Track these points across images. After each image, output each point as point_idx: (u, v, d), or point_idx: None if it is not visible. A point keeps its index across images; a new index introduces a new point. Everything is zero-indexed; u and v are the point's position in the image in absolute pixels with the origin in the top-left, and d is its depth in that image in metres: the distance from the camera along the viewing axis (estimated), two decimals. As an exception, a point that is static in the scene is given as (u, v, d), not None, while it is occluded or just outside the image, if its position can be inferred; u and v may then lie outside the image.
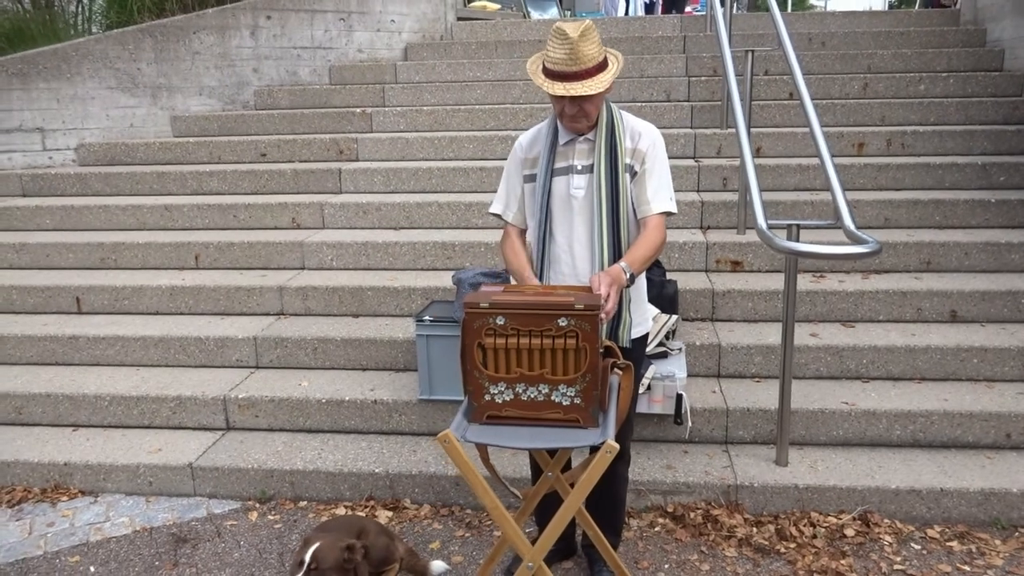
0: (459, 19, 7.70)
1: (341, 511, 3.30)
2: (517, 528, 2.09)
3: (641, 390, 3.27)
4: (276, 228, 4.98)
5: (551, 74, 2.32)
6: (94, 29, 8.09)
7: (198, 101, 6.33)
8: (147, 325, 4.22)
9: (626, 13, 13.20)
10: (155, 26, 6.09)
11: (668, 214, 2.50)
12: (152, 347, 4.08)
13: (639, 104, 5.61)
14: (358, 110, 5.94)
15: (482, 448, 2.33)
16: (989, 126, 5.13)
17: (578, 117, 2.37)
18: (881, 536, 3.01)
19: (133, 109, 6.06)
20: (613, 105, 2.51)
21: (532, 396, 2.09)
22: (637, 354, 2.62)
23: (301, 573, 2.45)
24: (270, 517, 3.29)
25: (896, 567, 2.84)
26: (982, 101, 5.29)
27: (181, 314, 4.40)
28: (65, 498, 3.45)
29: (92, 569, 2.98)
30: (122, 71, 5.98)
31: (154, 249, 4.75)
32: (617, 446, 1.95)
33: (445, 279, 4.27)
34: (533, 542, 2.15)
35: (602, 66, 2.32)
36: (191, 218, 5.06)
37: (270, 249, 4.66)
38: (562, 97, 2.33)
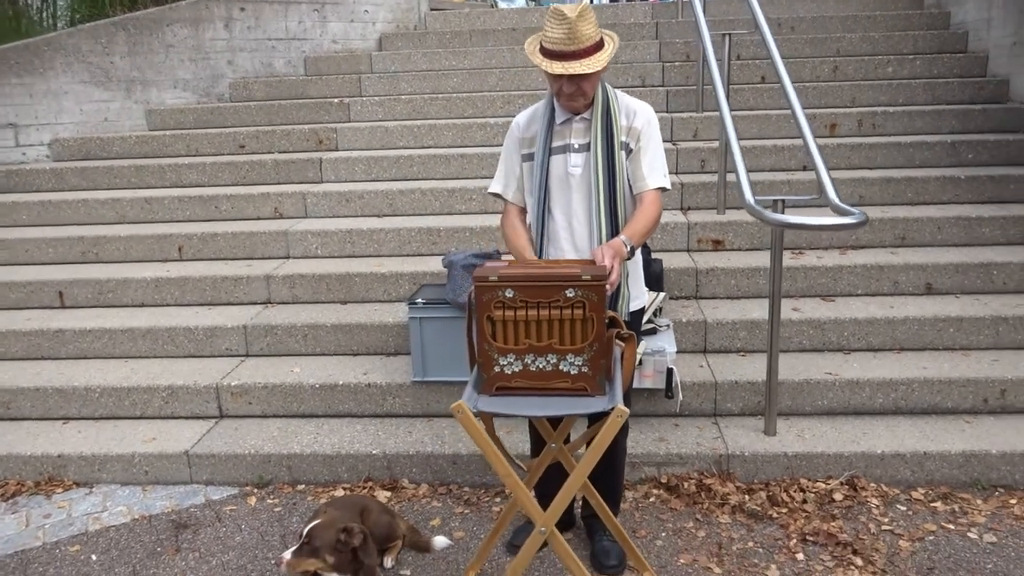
0: (432, 9, 7.71)
1: (340, 493, 3.33)
2: (529, 494, 2.14)
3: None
4: (259, 218, 4.97)
5: (549, 54, 2.37)
6: (60, 24, 7.97)
7: (173, 94, 6.27)
8: (133, 317, 4.20)
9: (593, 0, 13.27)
10: (128, 19, 6.02)
11: (663, 189, 2.57)
12: (140, 338, 4.07)
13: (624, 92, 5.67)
14: (335, 100, 5.94)
15: (487, 422, 2.38)
16: (956, 105, 5.28)
17: (575, 96, 2.42)
18: (868, 499, 3.12)
19: (107, 103, 5.99)
20: (608, 85, 2.56)
21: (541, 366, 2.15)
22: (635, 326, 2.69)
23: (295, 547, 2.50)
24: (269, 501, 3.31)
25: (884, 527, 2.95)
26: (948, 82, 5.44)
27: (167, 305, 4.38)
28: (60, 490, 3.44)
29: (94, 557, 2.98)
30: (95, 65, 5.91)
31: (136, 241, 4.72)
32: (627, 410, 2.02)
33: (431, 264, 4.31)
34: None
35: (599, 46, 2.37)
36: (172, 210, 5.03)
37: (254, 239, 4.65)
38: (560, 76, 2.38)
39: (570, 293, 2.08)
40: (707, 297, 4.13)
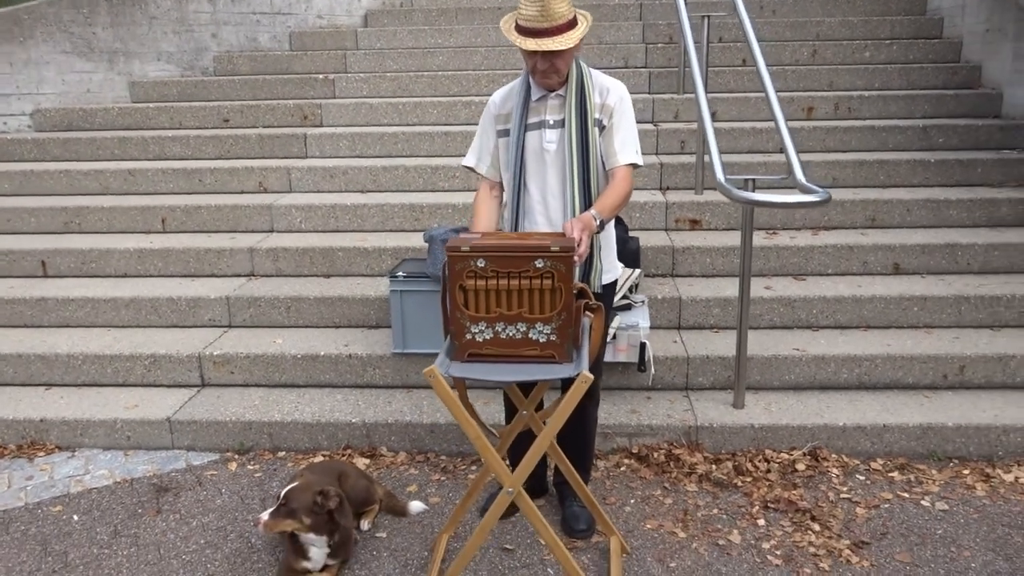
0: (418, -14, 7.70)
1: (319, 459, 3.41)
2: (498, 456, 2.23)
3: (607, 339, 3.45)
4: (243, 192, 5.01)
5: (523, 31, 2.43)
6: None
7: (156, 67, 6.27)
8: (116, 287, 4.25)
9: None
10: (110, -11, 6.01)
11: (634, 166, 2.65)
12: (123, 308, 4.12)
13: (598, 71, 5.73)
14: (320, 76, 5.96)
15: (461, 389, 2.47)
16: (929, 91, 5.38)
17: (549, 73, 2.49)
18: (829, 469, 3.24)
19: (90, 74, 5.99)
20: (583, 63, 2.63)
21: (511, 334, 2.23)
22: (607, 299, 2.78)
23: (273, 508, 2.59)
24: (250, 467, 3.39)
25: (843, 496, 3.07)
26: (923, 67, 5.54)
27: (150, 276, 4.43)
28: (42, 453, 3.51)
29: (75, 518, 3.05)
30: (77, 35, 5.90)
31: (119, 213, 4.75)
32: (591, 376, 2.10)
33: (414, 239, 4.38)
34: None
35: (572, 23, 2.44)
36: (155, 182, 5.06)
37: (238, 212, 4.70)
38: (534, 53, 2.45)
39: (539, 264, 2.16)
40: (683, 275, 4.23)
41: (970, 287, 3.92)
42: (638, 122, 5.21)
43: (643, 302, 3.73)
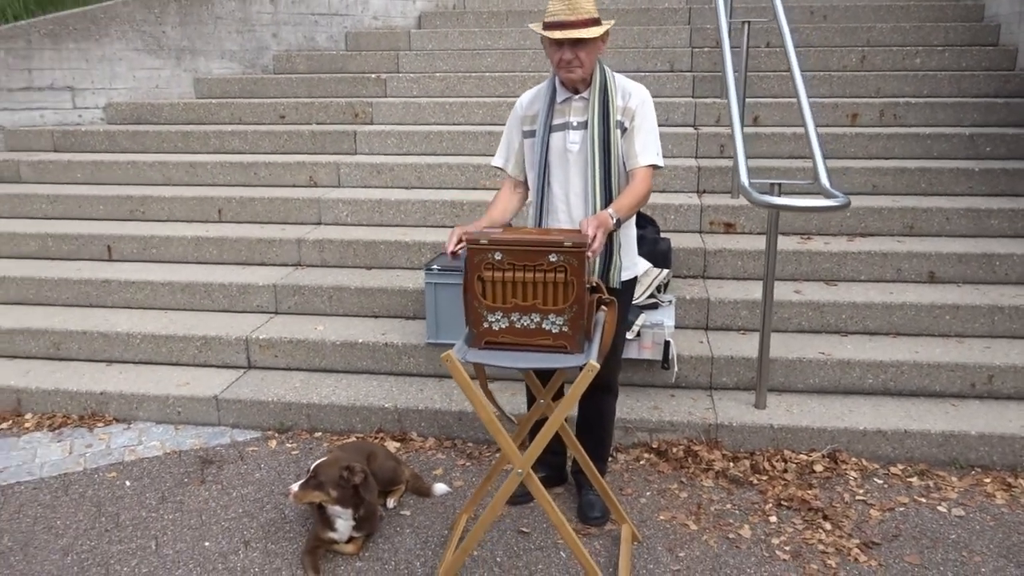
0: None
1: (352, 440, 3.59)
2: (509, 439, 2.37)
3: (632, 336, 3.55)
4: (294, 186, 5.24)
5: (550, 25, 2.58)
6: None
7: (220, 64, 6.58)
8: (174, 272, 4.51)
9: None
10: (180, -10, 6.33)
11: (655, 167, 2.75)
12: (179, 292, 4.38)
13: (643, 74, 5.82)
14: (373, 76, 6.18)
15: (481, 375, 2.61)
16: (980, 99, 5.31)
17: (573, 65, 2.61)
18: (847, 472, 3.28)
19: (158, 71, 6.32)
20: (607, 67, 2.75)
21: (525, 324, 2.36)
22: (627, 295, 2.88)
23: (303, 480, 2.76)
24: (288, 445, 3.59)
25: (858, 497, 3.11)
26: (975, 74, 5.47)
27: (206, 263, 4.69)
28: (101, 424, 3.77)
29: (128, 483, 3.29)
30: (148, 34, 6.23)
31: (180, 203, 5.03)
32: (597, 365, 2.22)
33: (453, 235, 4.53)
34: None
35: (596, 21, 2.57)
36: (214, 175, 5.33)
37: (289, 205, 4.93)
38: (560, 44, 2.58)
39: (553, 258, 2.28)
40: (714, 277, 4.29)
41: (1005, 297, 3.90)
42: (679, 126, 5.34)
43: (670, 302, 3.82)
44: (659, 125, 2.87)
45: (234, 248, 4.66)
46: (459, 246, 2.41)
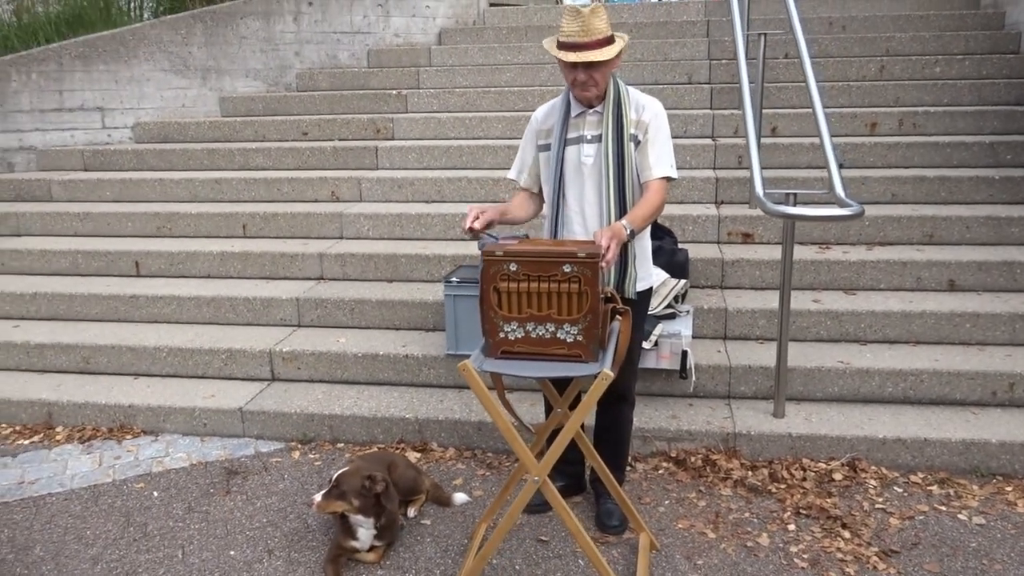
0: (491, 5, 7.98)
1: (374, 451, 3.65)
2: (525, 446, 2.40)
3: (649, 346, 3.58)
4: (317, 201, 5.34)
5: (564, 46, 2.62)
6: (145, 15, 8.54)
7: (244, 83, 6.72)
8: (200, 287, 4.61)
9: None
10: (206, 12, 6.48)
11: (668, 179, 2.78)
12: (205, 306, 4.47)
13: (661, 86, 5.85)
14: (394, 92, 6.28)
15: (499, 385, 2.65)
16: (1001, 107, 5.29)
17: (588, 85, 2.66)
18: (867, 480, 3.28)
19: (185, 90, 6.47)
20: (620, 81, 2.79)
21: (540, 334, 2.40)
22: (643, 304, 2.92)
23: (325, 490, 2.81)
24: (311, 456, 3.65)
25: (877, 506, 3.11)
26: (995, 83, 5.45)
27: (231, 278, 4.78)
28: (129, 436, 3.86)
29: (155, 494, 3.37)
30: (175, 54, 6.39)
31: (205, 219, 5.14)
32: (612, 374, 2.25)
33: (472, 248, 4.59)
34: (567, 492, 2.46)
35: (610, 40, 2.62)
36: (239, 191, 5.44)
37: (311, 220, 5.02)
38: (575, 66, 2.63)
39: (567, 268, 2.33)
40: (731, 287, 4.31)
41: (1027, 305, 3.88)
42: (697, 137, 5.37)
43: (688, 312, 3.84)
44: (677, 136, 2.92)
45: (258, 263, 4.75)
46: (475, 222, 2.58)
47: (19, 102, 5.95)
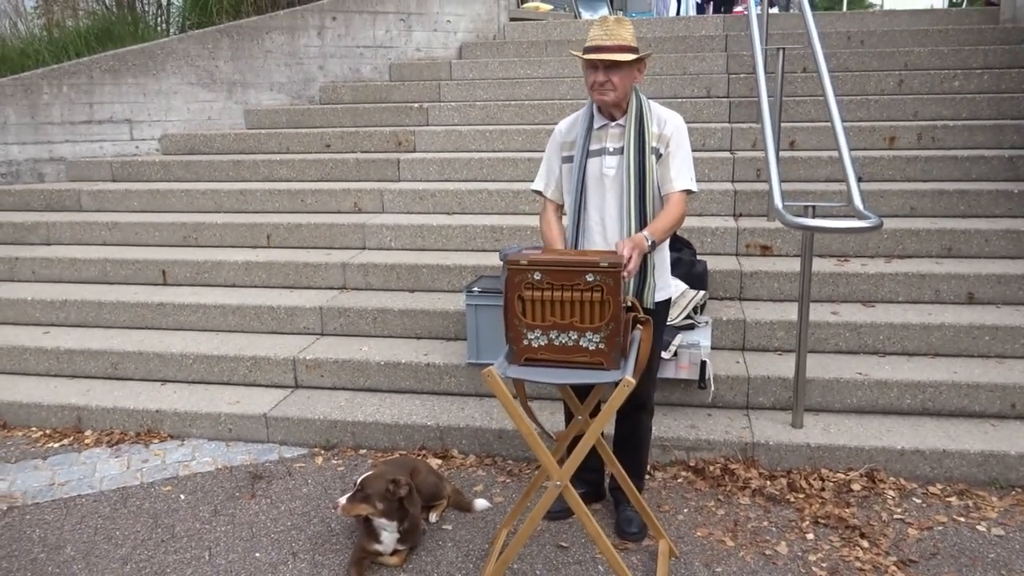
0: (512, 19, 8.08)
1: (396, 457, 3.70)
2: (547, 452, 2.45)
3: (669, 356, 3.62)
4: (340, 212, 5.42)
5: (588, 49, 2.71)
6: (172, 30, 8.71)
7: (269, 96, 6.84)
8: (225, 295, 4.70)
9: (677, 13, 13.42)
10: (232, 27, 6.62)
11: (689, 192, 2.83)
12: (230, 314, 4.55)
13: (680, 100, 5.91)
14: (416, 105, 6.37)
15: (521, 392, 2.70)
16: (1020, 121, 5.30)
17: (606, 88, 2.73)
18: (885, 491, 3.29)
19: (211, 103, 6.60)
20: (643, 95, 2.85)
21: (563, 341, 2.45)
22: (661, 314, 2.96)
23: (350, 494, 2.87)
24: (334, 461, 3.71)
25: (896, 516, 3.13)
26: (1015, 97, 5.46)
27: (255, 287, 4.87)
28: (156, 441, 3.94)
29: (182, 497, 3.44)
30: (201, 68, 6.52)
31: (231, 229, 5.23)
32: (633, 381, 2.30)
33: (493, 259, 4.66)
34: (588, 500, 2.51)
35: (632, 49, 2.69)
36: (263, 202, 5.54)
37: (334, 230, 5.10)
38: (595, 67, 2.70)
39: (590, 278, 2.38)
40: (750, 299, 4.34)
41: (1047, 318, 3.89)
42: (715, 151, 5.42)
43: (707, 323, 3.88)
44: (696, 150, 2.98)
45: (282, 272, 4.84)
46: None
47: (50, 114, 6.10)
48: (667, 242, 2.93)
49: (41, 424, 4.10)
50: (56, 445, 3.93)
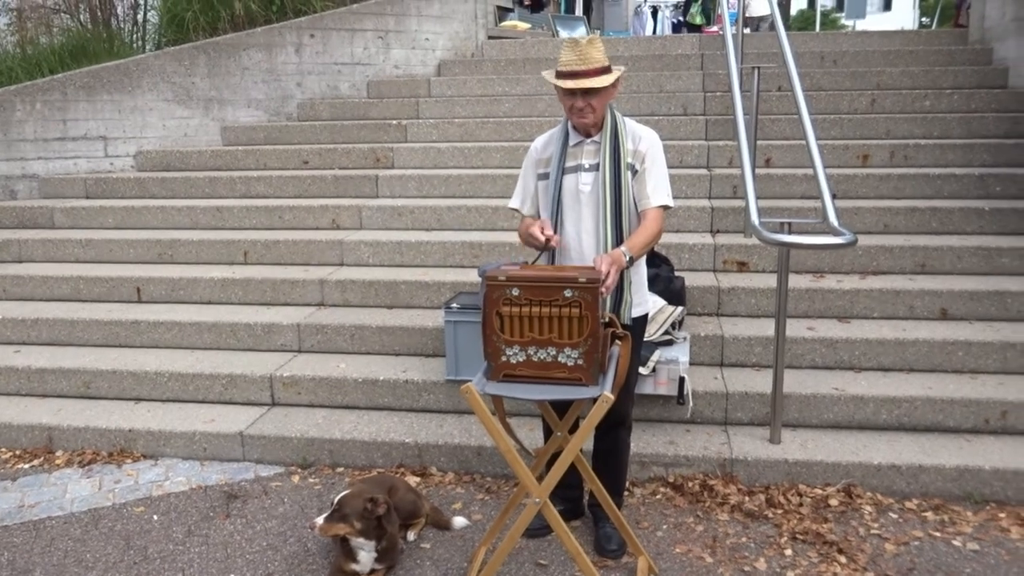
0: (490, 37, 8.13)
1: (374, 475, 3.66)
2: (526, 468, 2.44)
3: (647, 372, 3.62)
4: (317, 228, 5.40)
5: (563, 75, 2.71)
6: (148, 47, 8.67)
7: (246, 113, 6.81)
8: (201, 312, 4.65)
9: (653, 32, 13.58)
10: (209, 44, 6.59)
11: (665, 208, 2.85)
12: (206, 332, 4.50)
13: (657, 118, 5.96)
14: (394, 122, 6.37)
15: (500, 408, 2.69)
16: (990, 140, 5.40)
17: (585, 112, 2.74)
18: (862, 506, 3.31)
19: (187, 120, 6.56)
20: (617, 112, 2.87)
21: (542, 357, 2.45)
22: (638, 330, 2.97)
23: (327, 513, 2.84)
24: (311, 480, 3.67)
25: (873, 531, 3.14)
26: (984, 116, 5.57)
27: (231, 303, 4.82)
28: (129, 460, 3.87)
29: (155, 518, 3.38)
30: (178, 85, 6.49)
31: (207, 246, 5.19)
32: (612, 397, 2.30)
33: (472, 275, 4.65)
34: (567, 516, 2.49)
35: (607, 69, 2.70)
36: (240, 219, 5.50)
37: (312, 247, 5.08)
38: (573, 93, 2.71)
39: (568, 293, 2.38)
40: (728, 315, 4.36)
41: (1018, 333, 3.94)
42: (692, 167, 5.47)
43: (685, 339, 3.89)
44: (673, 167, 3.00)
45: (259, 289, 4.80)
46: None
47: (23, 131, 6.03)
48: (644, 258, 2.94)
49: (11, 445, 4.02)
50: (26, 466, 3.86)
